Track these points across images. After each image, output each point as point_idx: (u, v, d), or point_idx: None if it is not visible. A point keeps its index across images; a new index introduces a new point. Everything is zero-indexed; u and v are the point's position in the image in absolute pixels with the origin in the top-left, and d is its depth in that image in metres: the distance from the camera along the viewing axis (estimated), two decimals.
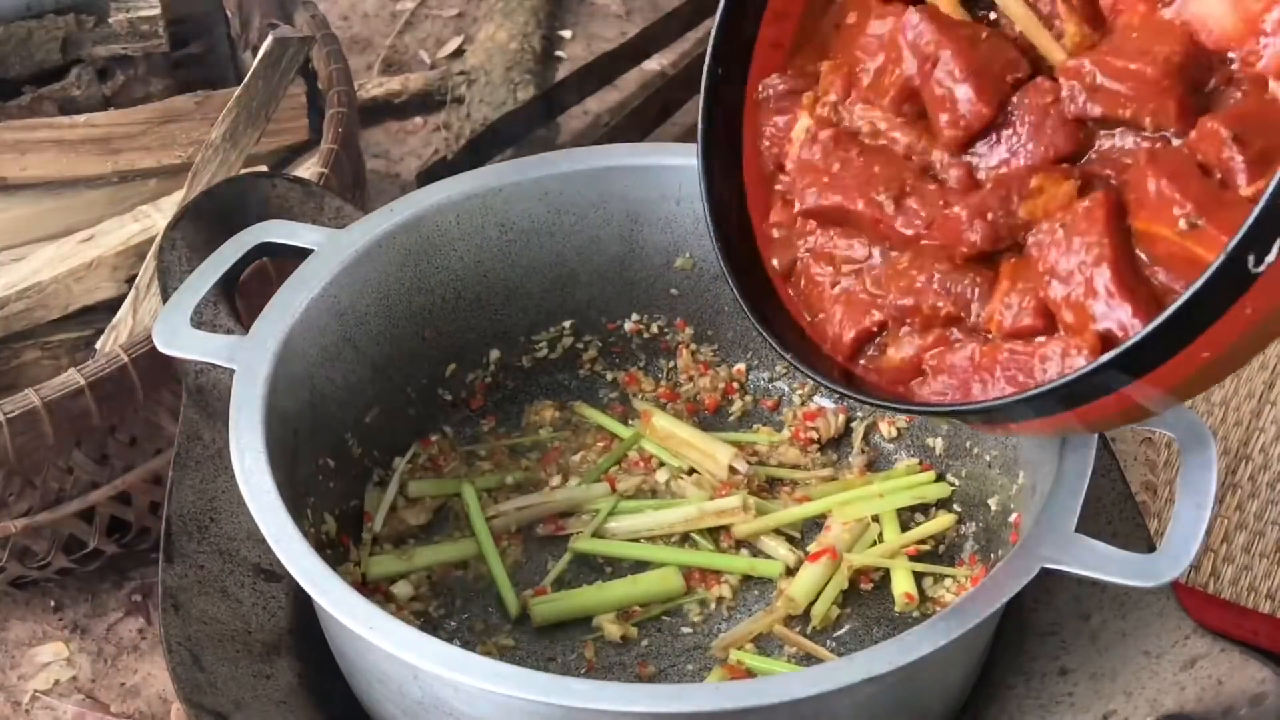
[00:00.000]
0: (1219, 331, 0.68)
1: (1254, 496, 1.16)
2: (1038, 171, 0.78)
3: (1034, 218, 0.78)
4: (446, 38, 1.72)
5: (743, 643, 0.95)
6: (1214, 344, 0.69)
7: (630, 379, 1.11)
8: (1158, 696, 0.81)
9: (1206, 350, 0.69)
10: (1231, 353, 0.71)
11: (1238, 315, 0.67)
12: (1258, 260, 0.65)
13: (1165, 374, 0.70)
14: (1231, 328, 0.68)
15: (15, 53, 1.32)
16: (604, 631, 0.96)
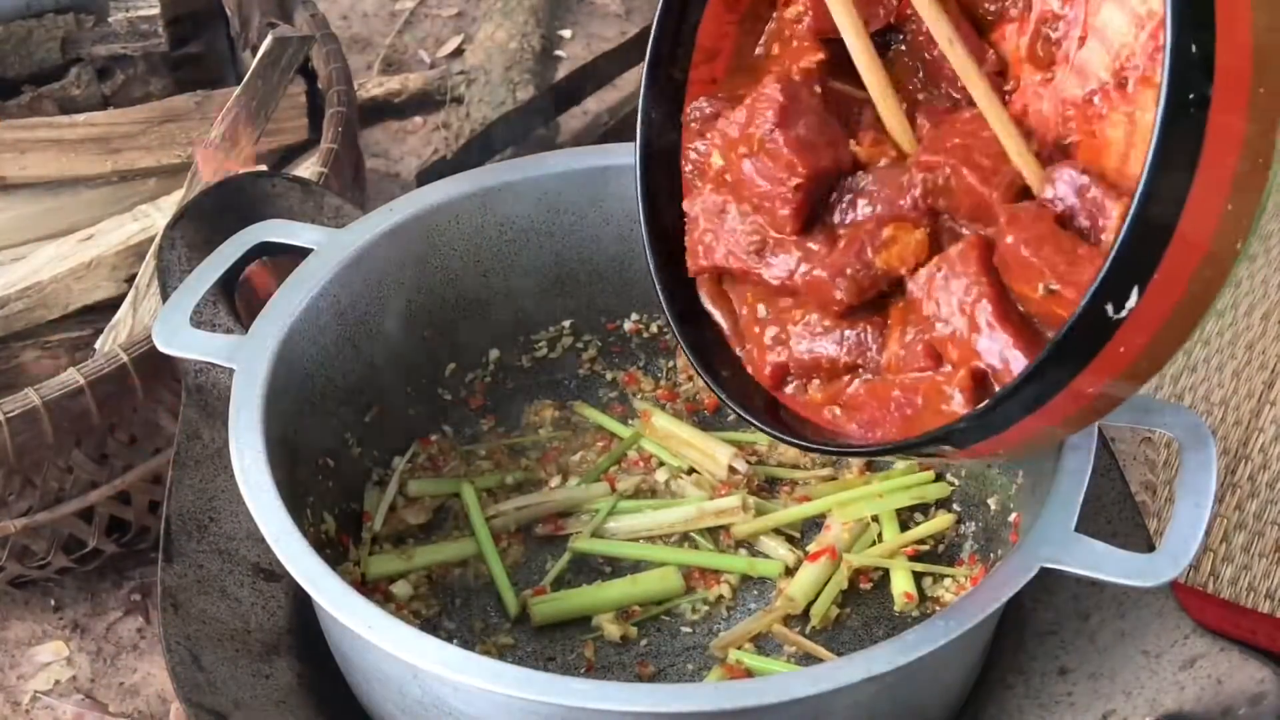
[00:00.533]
0: (1097, 371, 0.70)
1: (1253, 496, 1.16)
2: (887, 223, 0.80)
3: (891, 266, 0.80)
4: (446, 37, 1.72)
5: (742, 642, 0.95)
6: (1095, 380, 0.70)
7: (629, 378, 1.11)
8: (1157, 696, 0.81)
9: (1090, 386, 0.71)
10: (1121, 382, 0.72)
11: (1112, 356, 0.69)
12: (1117, 308, 0.67)
13: (1053, 409, 0.72)
14: (1110, 366, 0.70)
15: (15, 52, 1.32)
16: (604, 631, 0.96)
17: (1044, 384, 0.70)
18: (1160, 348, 0.71)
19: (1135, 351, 0.70)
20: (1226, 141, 0.67)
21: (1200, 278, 0.69)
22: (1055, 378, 0.70)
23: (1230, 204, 0.68)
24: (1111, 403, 0.75)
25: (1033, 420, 0.72)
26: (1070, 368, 0.70)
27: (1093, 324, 0.68)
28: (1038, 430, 0.74)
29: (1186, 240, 0.67)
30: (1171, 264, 0.67)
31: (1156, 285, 0.67)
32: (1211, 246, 0.68)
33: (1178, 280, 0.68)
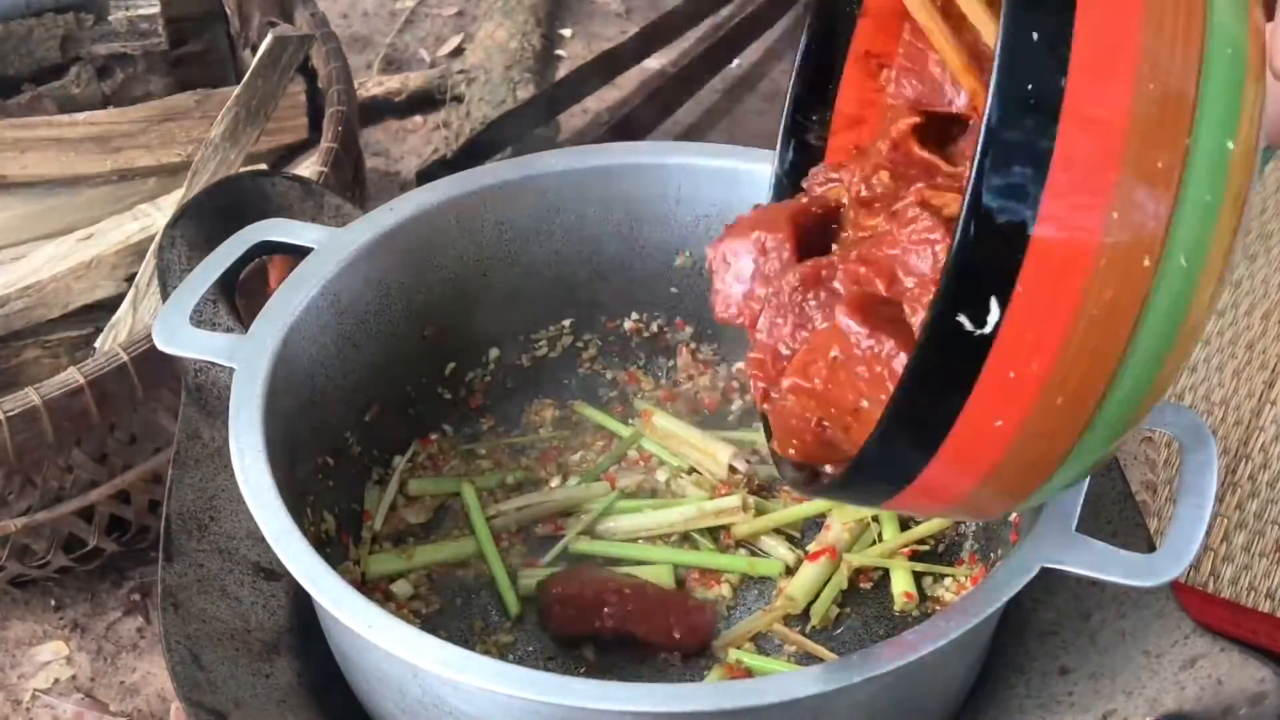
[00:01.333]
0: (992, 400, 0.64)
1: (1254, 496, 1.16)
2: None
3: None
4: (446, 36, 1.72)
5: (742, 642, 0.95)
6: (998, 411, 0.64)
7: (630, 378, 1.11)
8: (1158, 696, 0.81)
9: (998, 419, 0.64)
10: (1051, 426, 0.65)
11: (1002, 382, 0.63)
12: (976, 322, 0.62)
13: (961, 452, 0.66)
14: (1008, 396, 0.64)
15: (15, 51, 1.31)
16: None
17: (924, 410, 0.65)
18: (1082, 385, 0.64)
19: (1035, 381, 0.63)
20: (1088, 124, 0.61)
21: (1099, 300, 0.62)
22: (934, 403, 0.64)
23: (1116, 211, 0.62)
24: (1055, 457, 0.67)
25: (942, 468, 0.66)
26: (948, 390, 0.64)
27: (951, 339, 0.62)
28: (960, 485, 0.68)
29: (1051, 246, 0.61)
30: (1039, 274, 0.61)
31: (1025, 299, 0.62)
32: (1101, 258, 0.62)
33: (1059, 296, 0.62)
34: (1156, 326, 0.64)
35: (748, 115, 1.61)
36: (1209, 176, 0.63)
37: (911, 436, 0.66)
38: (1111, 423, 0.66)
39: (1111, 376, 0.64)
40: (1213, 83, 0.63)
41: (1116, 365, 0.64)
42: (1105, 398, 0.65)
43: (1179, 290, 0.64)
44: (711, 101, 1.62)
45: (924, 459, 0.66)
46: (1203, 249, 0.64)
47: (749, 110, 1.62)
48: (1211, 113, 0.63)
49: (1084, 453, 0.67)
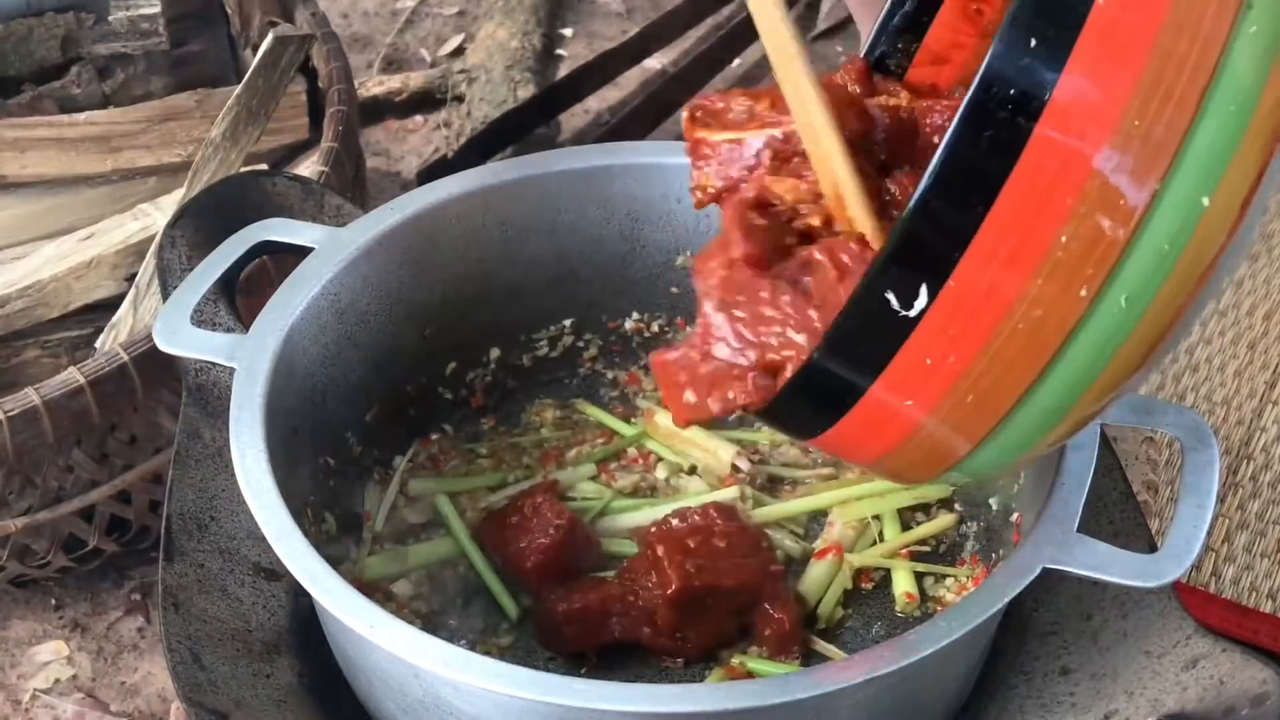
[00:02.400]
0: (903, 381, 0.66)
1: (1255, 496, 1.16)
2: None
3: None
4: (447, 36, 1.72)
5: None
6: (905, 392, 0.66)
7: (631, 378, 1.11)
8: (1159, 696, 0.81)
9: (908, 399, 0.66)
10: (954, 413, 0.67)
11: (918, 366, 0.65)
12: (904, 304, 0.64)
13: (870, 421, 0.68)
14: (921, 380, 0.65)
15: (15, 51, 1.31)
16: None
17: (836, 377, 0.67)
18: (994, 390, 0.66)
19: (949, 374, 0.65)
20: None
21: (1026, 316, 0.63)
22: (848, 371, 0.66)
23: (1065, 235, 0.62)
24: (959, 449, 0.69)
25: (851, 430, 0.68)
26: (863, 364, 0.66)
27: (876, 314, 0.64)
28: (868, 449, 0.70)
29: (991, 251, 0.62)
30: (974, 274, 0.62)
31: (955, 294, 0.63)
32: (1038, 277, 0.62)
33: (989, 300, 0.63)
34: (1082, 355, 0.65)
35: None
36: (1171, 226, 0.63)
37: (822, 396, 0.68)
38: (1020, 434, 0.68)
39: (1026, 391, 0.66)
40: (1203, 133, 0.62)
41: (1033, 381, 0.65)
42: (1016, 409, 0.66)
43: (1111, 328, 0.64)
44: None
45: (832, 418, 0.69)
46: (1146, 296, 0.64)
47: None
48: (1193, 163, 0.62)
49: (990, 453, 0.69)
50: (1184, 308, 0.65)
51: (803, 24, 1.72)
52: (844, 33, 1.70)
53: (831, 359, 0.67)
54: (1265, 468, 1.18)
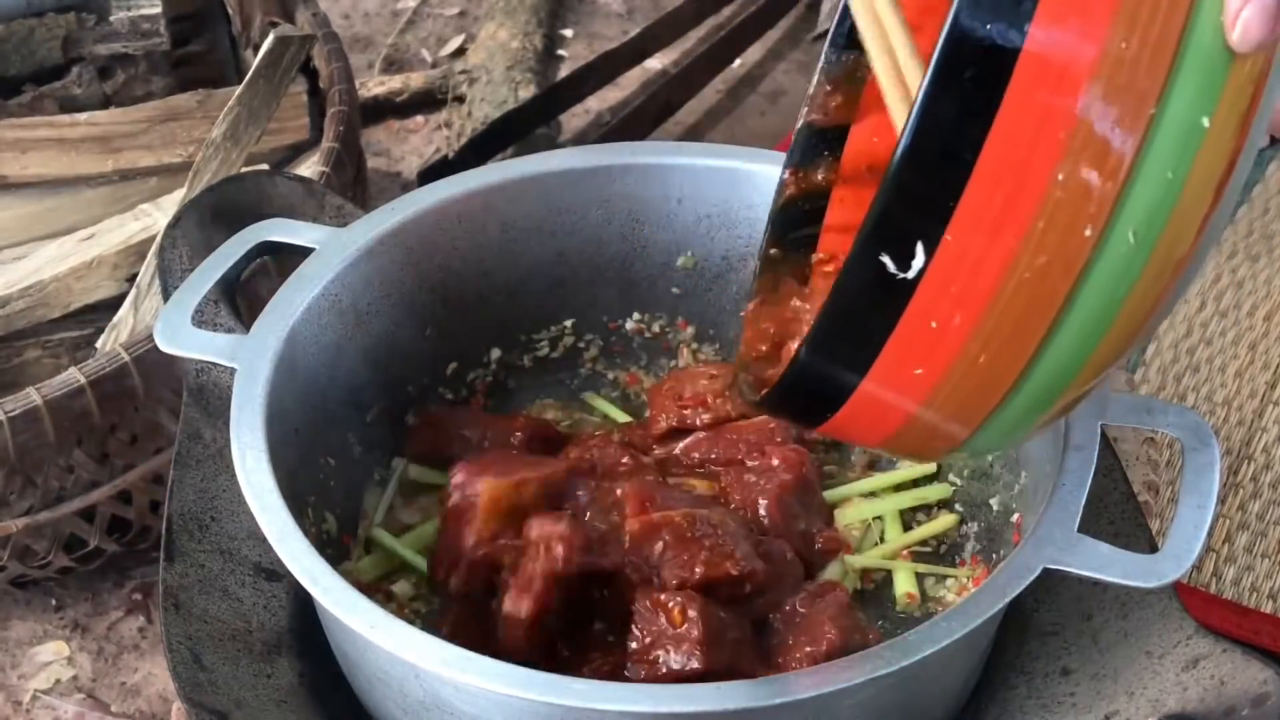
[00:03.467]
0: (911, 345, 0.62)
1: (1256, 497, 1.16)
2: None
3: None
4: (448, 36, 1.72)
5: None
6: (920, 360, 0.63)
7: (631, 378, 1.11)
8: (1160, 697, 0.81)
9: (918, 367, 0.63)
10: (962, 371, 0.63)
11: (923, 330, 0.62)
12: (900, 264, 0.60)
13: (882, 393, 0.65)
14: (927, 344, 0.62)
15: (16, 51, 1.31)
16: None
17: (844, 345, 0.63)
18: (1007, 346, 0.62)
19: (957, 334, 0.62)
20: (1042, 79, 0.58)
21: (1031, 265, 0.60)
22: (850, 346, 0.63)
23: (1062, 172, 0.59)
24: (979, 414, 0.66)
25: (864, 405, 0.65)
26: (866, 336, 0.63)
27: (873, 281, 0.61)
28: (883, 425, 0.67)
29: (986, 198, 0.59)
30: (970, 226, 0.59)
31: (953, 249, 0.59)
32: (1040, 220, 0.60)
33: (989, 251, 0.60)
34: (1094, 301, 0.62)
35: (749, 115, 1.61)
36: (1173, 151, 0.60)
37: (831, 369, 0.65)
38: (1040, 391, 0.64)
39: (1040, 344, 0.62)
40: (1192, 54, 0.60)
41: (1046, 333, 0.62)
42: (1033, 364, 0.63)
43: (1122, 266, 0.61)
44: (713, 101, 1.62)
45: (845, 391, 0.65)
46: (1156, 228, 0.61)
47: (750, 110, 1.62)
48: (1189, 81, 0.60)
49: (1012, 414, 0.65)
50: (1196, 240, 0.62)
51: (804, 24, 1.72)
52: None
53: (830, 334, 0.64)
54: (1266, 468, 1.18)
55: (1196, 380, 1.25)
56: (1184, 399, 1.23)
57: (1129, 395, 0.89)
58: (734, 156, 1.05)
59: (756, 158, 1.04)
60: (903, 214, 0.60)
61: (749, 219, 1.05)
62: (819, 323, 0.64)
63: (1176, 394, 1.23)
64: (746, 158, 1.04)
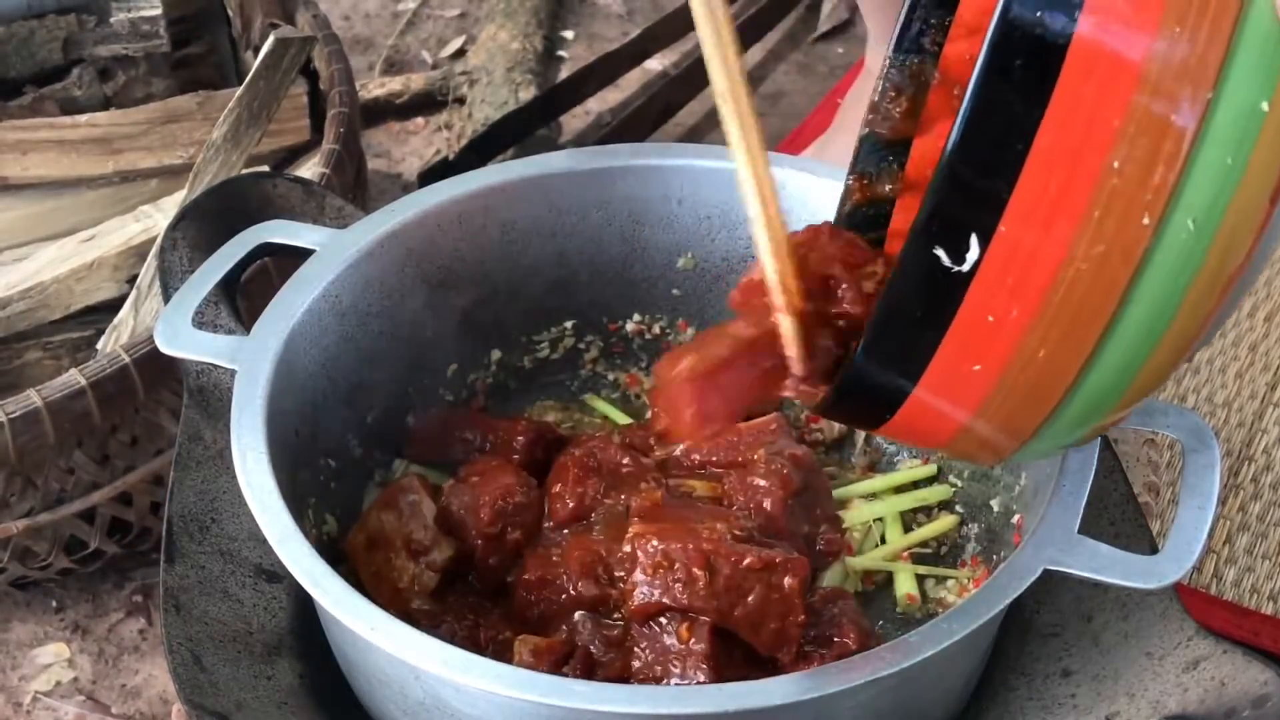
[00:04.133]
0: (970, 341, 0.61)
1: (1257, 498, 1.16)
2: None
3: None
4: (448, 38, 1.72)
5: None
6: (978, 356, 0.62)
7: (632, 380, 1.11)
8: (1160, 698, 0.81)
9: (976, 363, 0.62)
10: (1020, 366, 0.62)
11: (979, 324, 0.61)
12: (955, 257, 0.59)
13: (942, 390, 0.64)
14: (984, 338, 0.61)
15: (17, 52, 1.31)
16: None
17: (901, 343, 0.62)
18: (1066, 341, 0.61)
19: (1014, 328, 0.61)
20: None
21: (1088, 255, 0.59)
22: (908, 342, 0.62)
23: (1116, 160, 0.58)
24: (1042, 410, 0.64)
25: (924, 403, 0.64)
26: (923, 331, 0.61)
27: (928, 275, 0.60)
28: (945, 424, 0.66)
29: (1041, 186, 0.58)
30: (1024, 216, 0.58)
31: (1007, 240, 0.58)
32: (1095, 209, 0.58)
33: (1044, 241, 0.59)
34: (1154, 292, 0.60)
35: None
36: (1232, 136, 0.59)
37: (889, 367, 0.64)
38: (1102, 389, 0.63)
39: (1100, 337, 0.61)
40: (1249, 37, 0.59)
41: (1106, 326, 0.61)
42: (1094, 359, 0.62)
43: (1183, 257, 0.60)
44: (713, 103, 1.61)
45: (903, 392, 0.64)
46: (1215, 216, 0.59)
47: None
48: (1244, 68, 0.59)
49: (1075, 411, 0.64)
50: (1258, 233, 0.61)
51: (804, 25, 1.72)
52: (845, 35, 1.70)
53: (886, 333, 0.63)
54: (1266, 469, 1.18)
55: (1197, 381, 1.25)
56: (1184, 400, 1.23)
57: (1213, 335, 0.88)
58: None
59: None
60: (956, 206, 0.59)
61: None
62: (874, 322, 0.63)
63: (1177, 395, 1.23)
64: None
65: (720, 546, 0.85)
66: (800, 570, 0.86)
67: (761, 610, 0.85)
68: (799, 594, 0.85)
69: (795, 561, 0.86)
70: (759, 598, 0.84)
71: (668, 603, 0.84)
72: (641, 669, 0.86)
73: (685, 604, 0.84)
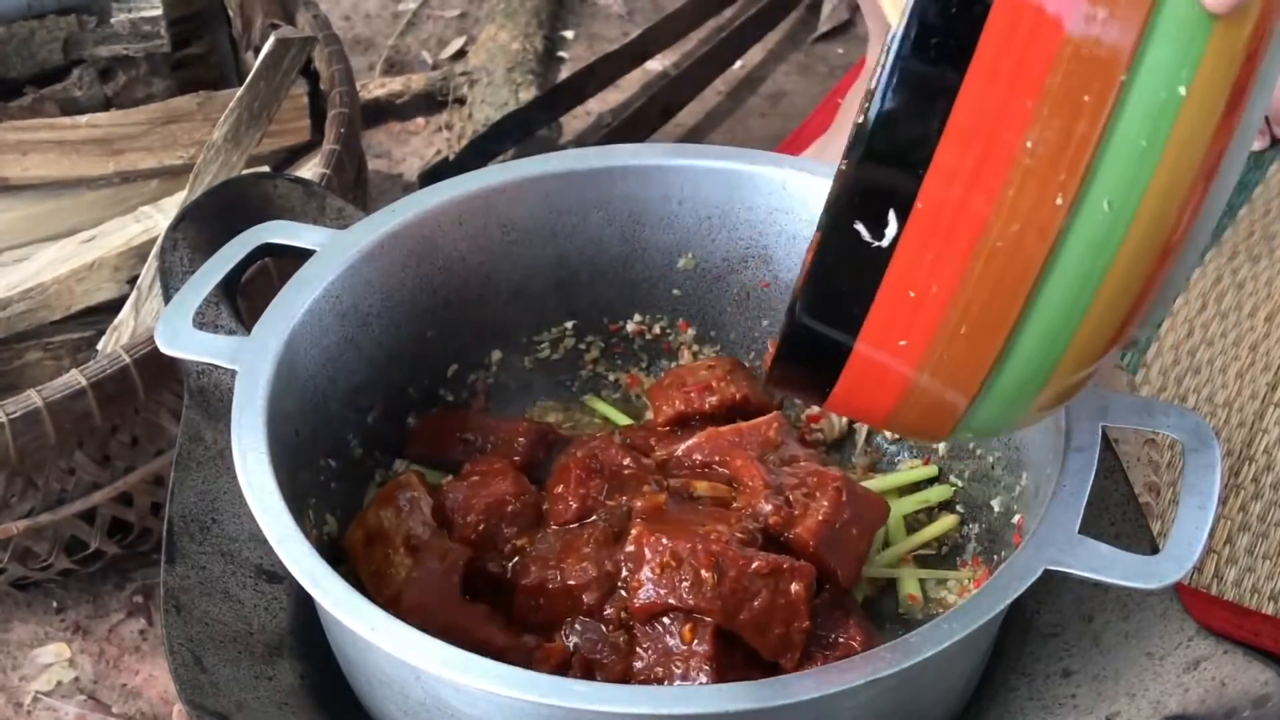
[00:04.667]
0: (894, 316, 0.62)
1: (1257, 498, 1.16)
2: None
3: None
4: (449, 38, 1.72)
5: None
6: (903, 331, 0.63)
7: (632, 380, 1.11)
8: (1161, 698, 0.81)
9: (901, 338, 0.63)
10: (945, 342, 0.63)
11: (900, 300, 0.61)
12: (874, 233, 0.60)
13: (870, 367, 0.64)
14: (906, 317, 0.62)
15: (17, 53, 1.32)
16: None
17: (822, 327, 0.63)
18: (986, 317, 0.62)
19: (936, 303, 0.61)
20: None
21: (1004, 233, 0.59)
22: (832, 318, 0.63)
23: (1030, 140, 0.58)
24: (969, 388, 0.65)
25: (855, 379, 0.65)
26: (846, 307, 0.62)
27: (848, 250, 0.60)
28: (880, 400, 0.66)
29: (955, 163, 0.58)
30: (941, 192, 0.59)
31: (925, 216, 0.59)
32: (1009, 187, 0.59)
33: (960, 218, 0.60)
34: (1071, 272, 0.61)
35: (750, 117, 1.61)
36: (1146, 120, 0.59)
37: (822, 335, 0.65)
38: (1028, 365, 0.64)
39: (1019, 314, 0.62)
40: (1165, 18, 0.59)
41: (1024, 303, 0.62)
42: (1015, 335, 0.63)
43: (1099, 237, 0.61)
44: (714, 103, 1.62)
45: (838, 363, 0.65)
46: (1133, 200, 0.60)
47: (751, 112, 1.62)
48: (1160, 51, 0.59)
49: (1004, 388, 0.65)
50: (1184, 220, 0.61)
51: (804, 25, 1.72)
52: (845, 35, 1.70)
53: (814, 307, 0.64)
54: (1267, 469, 1.18)
55: (1197, 381, 1.25)
56: (1185, 400, 1.23)
57: (1130, 396, 0.89)
58: (735, 158, 1.05)
59: (757, 160, 1.04)
60: (875, 180, 0.60)
61: (749, 221, 1.05)
62: (805, 286, 0.63)
63: (1177, 395, 1.23)
64: (747, 160, 1.04)
65: (728, 549, 0.85)
66: (807, 576, 0.86)
67: (767, 614, 0.85)
68: (805, 600, 0.85)
69: (802, 568, 0.86)
70: (765, 602, 0.85)
71: (673, 602, 0.84)
72: (643, 670, 0.86)
73: (691, 604, 0.84)
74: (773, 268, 1.06)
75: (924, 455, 1.05)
